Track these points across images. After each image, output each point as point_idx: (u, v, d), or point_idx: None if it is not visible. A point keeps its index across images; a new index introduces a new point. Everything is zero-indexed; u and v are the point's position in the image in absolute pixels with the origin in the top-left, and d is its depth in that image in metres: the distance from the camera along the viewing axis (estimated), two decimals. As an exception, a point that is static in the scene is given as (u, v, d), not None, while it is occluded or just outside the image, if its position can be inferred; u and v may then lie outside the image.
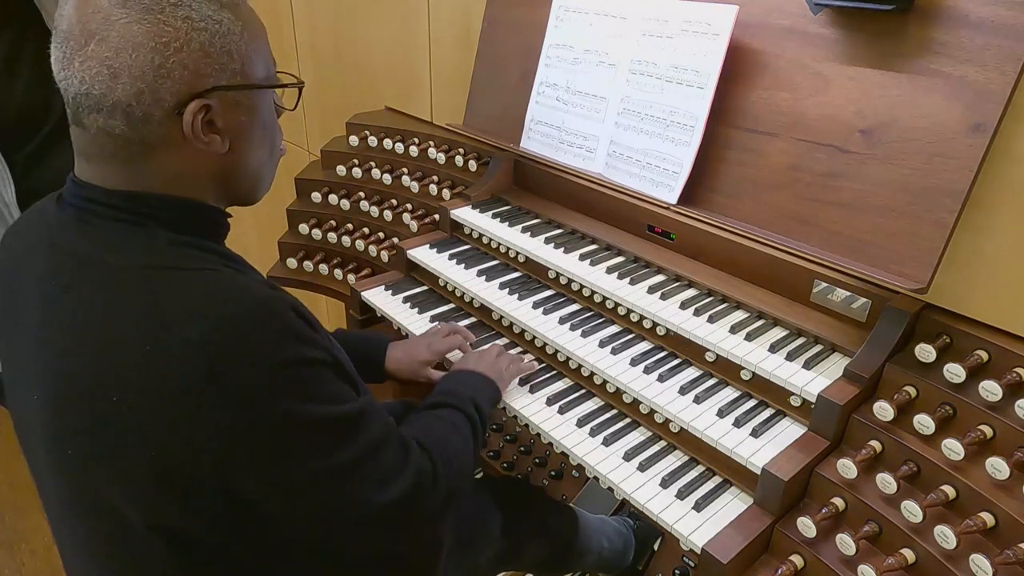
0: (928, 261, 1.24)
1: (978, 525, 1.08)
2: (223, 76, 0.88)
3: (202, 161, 0.91)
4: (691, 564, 1.56)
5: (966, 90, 1.21)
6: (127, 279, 0.85)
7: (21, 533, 2.61)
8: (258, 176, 1.00)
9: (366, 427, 0.94)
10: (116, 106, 0.83)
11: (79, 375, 0.85)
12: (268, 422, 0.83)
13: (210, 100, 0.87)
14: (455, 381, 1.34)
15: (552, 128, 1.87)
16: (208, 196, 0.95)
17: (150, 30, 0.82)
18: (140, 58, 0.82)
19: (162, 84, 0.83)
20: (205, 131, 0.88)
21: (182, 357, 0.79)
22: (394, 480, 0.96)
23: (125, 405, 0.82)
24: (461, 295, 1.80)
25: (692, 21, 1.56)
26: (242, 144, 0.94)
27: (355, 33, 2.51)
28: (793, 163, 1.45)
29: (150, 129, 0.85)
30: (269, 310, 0.84)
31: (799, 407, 1.33)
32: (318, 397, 0.87)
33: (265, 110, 0.96)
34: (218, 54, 0.87)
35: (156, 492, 0.85)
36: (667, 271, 1.63)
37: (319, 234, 2.27)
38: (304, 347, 0.86)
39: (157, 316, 0.81)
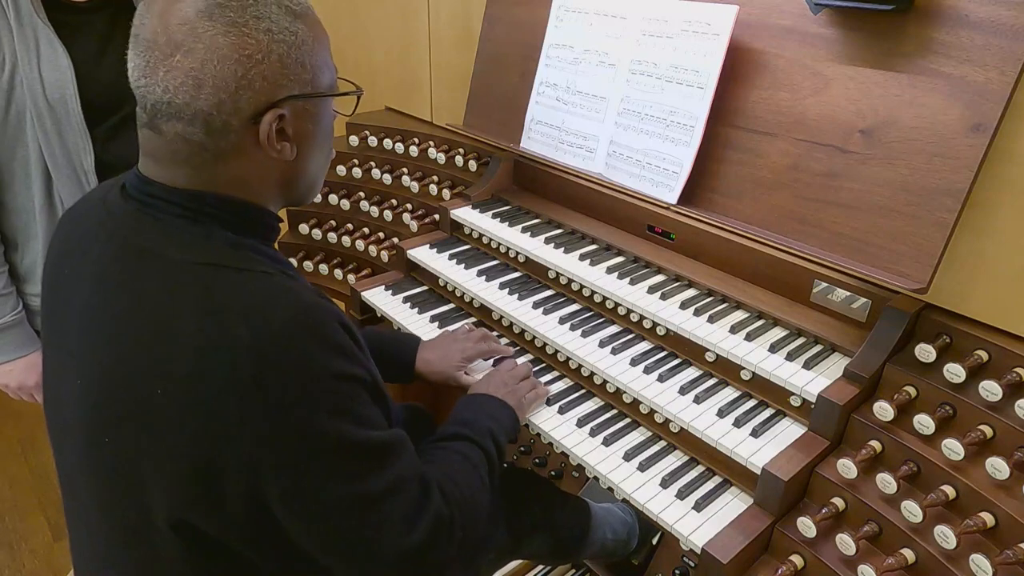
0: (928, 261, 1.24)
1: (978, 525, 1.08)
2: (296, 86, 0.90)
3: (270, 167, 0.93)
4: (691, 564, 1.56)
5: (966, 90, 1.21)
6: (185, 273, 0.86)
7: (21, 533, 2.61)
8: (316, 180, 1.02)
9: (396, 460, 0.93)
10: (197, 115, 0.85)
11: (128, 362, 0.86)
12: (300, 432, 0.83)
13: (284, 109, 0.89)
14: (475, 409, 1.29)
15: (552, 128, 1.87)
16: (267, 199, 0.97)
17: (235, 42, 0.84)
18: (225, 70, 0.84)
19: (243, 95, 0.85)
20: (277, 139, 0.90)
21: (232, 357, 0.80)
22: (415, 524, 0.94)
23: (169, 396, 0.83)
24: (461, 295, 1.80)
25: (692, 21, 1.56)
26: (307, 150, 0.96)
27: (355, 33, 2.51)
28: (793, 163, 1.45)
29: (227, 137, 0.88)
30: (318, 319, 0.86)
31: (799, 407, 1.33)
32: (353, 416, 0.88)
33: (328, 117, 0.99)
34: (293, 65, 0.89)
35: (185, 488, 0.85)
36: (667, 271, 1.63)
37: (319, 234, 2.27)
38: (347, 363, 0.87)
39: (211, 313, 0.82)
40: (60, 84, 1.59)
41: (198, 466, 0.84)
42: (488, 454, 1.18)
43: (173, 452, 0.84)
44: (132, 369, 0.85)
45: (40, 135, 1.60)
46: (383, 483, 0.91)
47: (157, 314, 0.85)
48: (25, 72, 1.56)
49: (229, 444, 0.82)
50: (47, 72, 1.58)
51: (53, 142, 1.61)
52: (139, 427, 0.86)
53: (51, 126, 1.61)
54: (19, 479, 2.83)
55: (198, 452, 0.83)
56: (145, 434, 0.86)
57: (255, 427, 0.81)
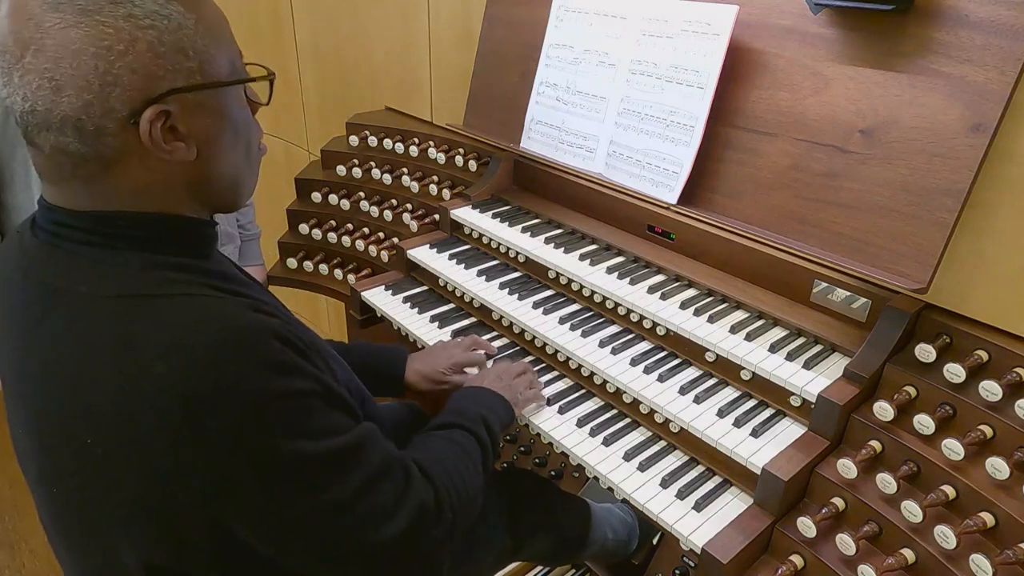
0: (928, 261, 1.24)
1: (978, 525, 1.08)
2: (179, 77, 0.79)
3: (169, 171, 0.83)
4: (691, 564, 1.56)
5: (966, 90, 1.21)
6: (97, 311, 0.79)
7: (21, 533, 2.61)
8: (235, 180, 0.91)
9: (364, 458, 0.89)
10: (65, 121, 0.76)
11: (54, 414, 0.81)
12: (252, 462, 0.78)
13: (168, 105, 0.79)
14: (468, 399, 1.27)
15: (552, 128, 1.87)
16: (184, 208, 0.87)
17: (89, 34, 0.74)
18: (82, 66, 0.74)
19: (111, 92, 0.76)
20: (167, 139, 0.80)
21: (155, 397, 0.74)
22: (394, 515, 0.90)
23: (100, 447, 0.77)
24: (461, 295, 1.80)
25: (692, 21, 1.56)
26: (212, 148, 0.85)
27: (355, 33, 2.51)
28: (793, 163, 1.45)
29: (105, 143, 0.78)
30: (247, 339, 0.78)
31: (799, 407, 1.33)
32: (306, 432, 0.81)
33: (234, 108, 0.87)
34: (170, 53, 0.78)
35: (144, 531, 0.81)
36: (667, 271, 1.63)
37: (319, 234, 2.27)
38: (287, 378, 0.80)
39: (128, 351, 0.76)
40: None
41: (150, 509, 0.79)
42: (480, 440, 1.15)
43: (120, 499, 0.80)
44: (60, 421, 0.80)
45: None
46: (353, 486, 0.86)
47: (75, 360, 0.78)
48: None
49: (175, 486, 0.77)
50: None
51: None
52: (80, 478, 0.81)
53: None
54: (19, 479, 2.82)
55: (146, 497, 0.78)
56: (88, 484, 0.81)
57: (198, 466, 0.76)
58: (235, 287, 0.89)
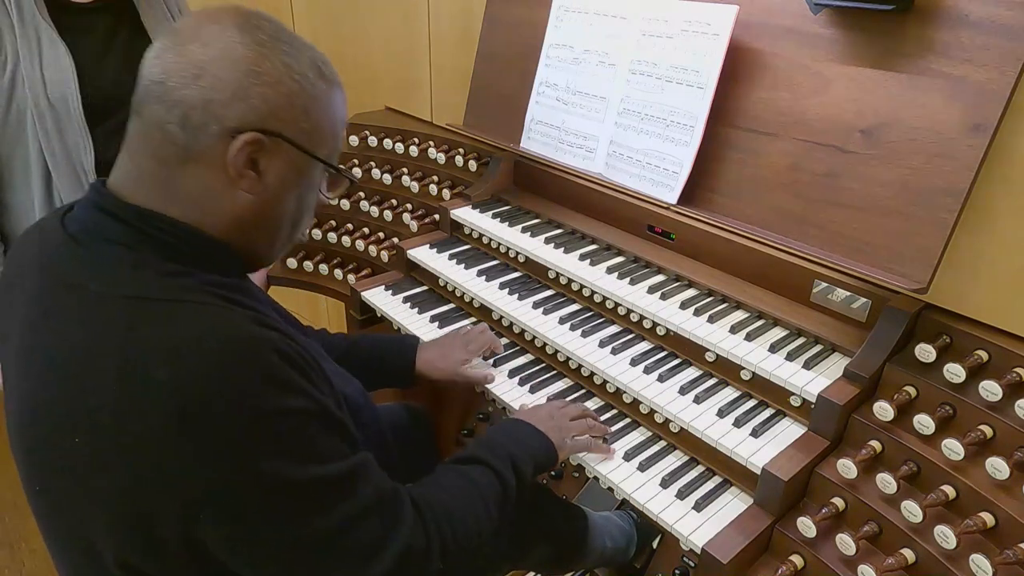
0: (928, 261, 1.24)
1: (978, 525, 1.08)
2: (291, 129, 0.88)
3: (228, 195, 0.88)
4: (691, 564, 1.55)
5: (966, 90, 1.21)
6: (107, 309, 0.81)
7: (21, 533, 2.61)
8: (273, 238, 0.96)
9: (352, 493, 0.86)
10: (179, 104, 0.83)
11: (52, 409, 0.82)
12: (238, 481, 0.77)
13: (265, 139, 0.86)
14: (505, 433, 1.21)
15: (552, 128, 1.87)
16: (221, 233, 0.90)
17: (253, 56, 0.85)
18: (230, 74, 0.83)
19: (235, 105, 0.84)
20: (246, 163, 0.86)
21: (152, 403, 0.75)
22: (376, 555, 0.87)
23: (92, 447, 0.78)
24: (461, 295, 1.80)
25: (692, 21, 1.56)
26: (273, 197, 0.91)
27: (355, 33, 2.51)
28: (793, 163, 1.45)
29: (199, 140, 0.84)
30: (249, 352, 0.79)
31: (799, 407, 1.33)
32: (300, 456, 0.80)
33: (308, 182, 0.94)
34: (298, 109, 0.88)
35: (124, 533, 0.81)
36: (667, 271, 1.63)
37: (319, 234, 2.27)
38: (285, 396, 0.80)
39: (132, 352, 0.77)
40: (62, 83, 1.59)
41: (131, 513, 0.80)
42: (504, 482, 1.09)
43: (104, 499, 0.80)
44: (57, 416, 0.81)
45: (40, 134, 1.61)
46: (338, 519, 0.84)
47: (79, 356, 0.80)
48: (27, 71, 1.57)
49: (159, 494, 0.77)
50: (49, 72, 1.58)
51: (53, 141, 1.62)
52: (69, 475, 0.82)
53: (52, 125, 1.61)
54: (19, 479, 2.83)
55: (129, 500, 0.79)
56: (75, 482, 0.81)
57: (184, 477, 0.76)
58: (243, 299, 0.89)
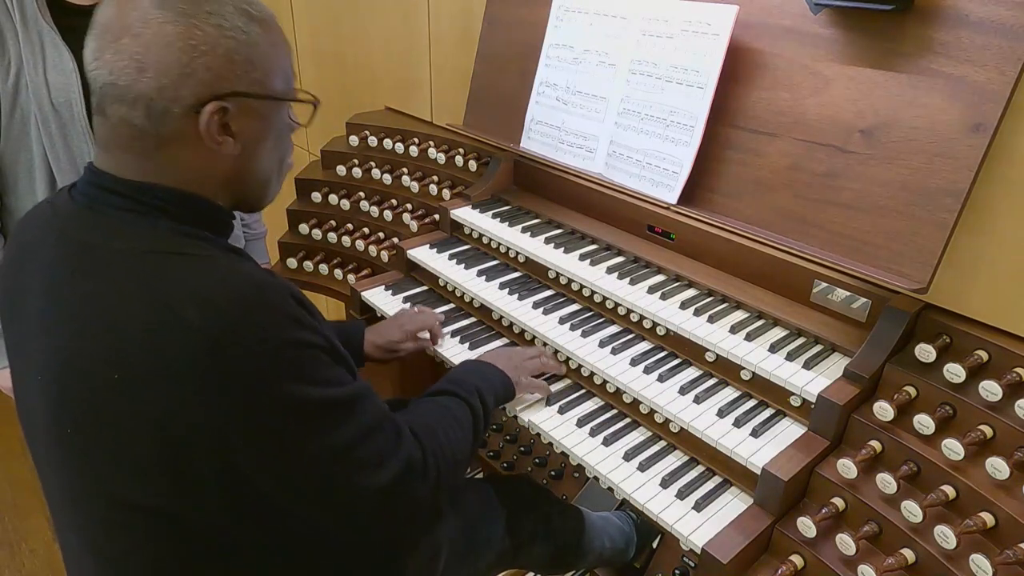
0: (928, 261, 1.24)
1: (978, 525, 1.08)
2: (243, 83, 0.92)
3: (214, 161, 0.95)
4: (691, 564, 1.56)
5: (966, 90, 1.21)
6: (130, 263, 0.88)
7: (21, 533, 2.61)
8: (266, 183, 1.04)
9: (360, 411, 0.97)
10: (139, 98, 0.88)
11: (83, 355, 0.87)
12: (266, 403, 0.86)
13: (228, 103, 0.91)
14: (468, 371, 1.37)
15: (552, 128, 1.87)
16: (216, 195, 0.98)
17: (182, 31, 0.87)
18: (168, 56, 0.87)
19: (185, 82, 0.88)
20: (219, 132, 0.92)
21: (184, 338, 0.82)
22: (384, 464, 0.99)
23: (127, 384, 0.84)
24: (461, 295, 1.80)
25: (692, 21, 1.56)
26: (253, 150, 0.98)
27: (355, 33, 2.51)
28: (793, 163, 1.45)
29: (167, 124, 0.89)
30: (268, 294, 0.88)
31: (799, 407, 1.33)
32: (315, 380, 0.90)
33: (279, 122, 1.00)
34: (242, 62, 0.92)
35: (156, 472, 0.87)
36: (667, 271, 1.63)
37: (319, 234, 2.27)
38: (302, 331, 0.89)
39: (159, 298, 0.84)
40: (65, 88, 1.59)
41: (164, 449, 0.86)
42: (473, 409, 1.23)
43: (136, 437, 0.86)
44: (88, 361, 0.87)
45: (44, 138, 1.61)
46: (352, 432, 0.94)
47: (106, 305, 0.86)
48: (30, 76, 1.57)
49: (194, 424, 0.84)
50: (52, 76, 1.58)
51: (57, 145, 1.62)
52: (100, 416, 0.88)
53: (56, 129, 1.61)
54: (19, 479, 2.83)
55: (162, 435, 0.85)
56: (107, 423, 0.87)
57: (218, 405, 0.83)
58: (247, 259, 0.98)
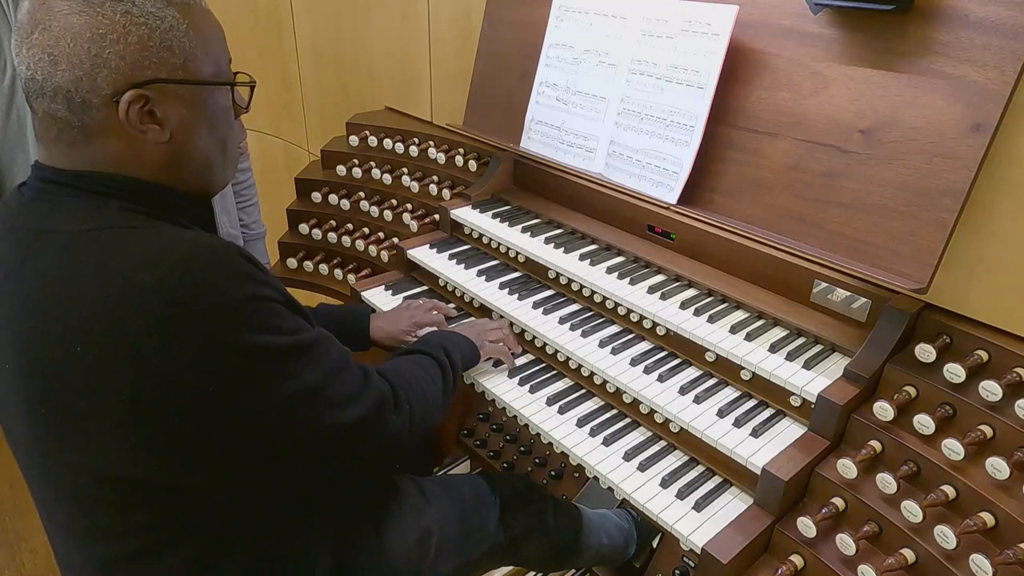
0: (928, 261, 1.24)
1: (978, 525, 1.08)
2: (163, 69, 0.92)
3: (144, 148, 0.95)
4: (691, 564, 1.55)
5: (966, 90, 1.21)
6: (80, 241, 0.89)
7: (21, 533, 2.61)
8: (206, 167, 1.03)
9: (324, 353, 1.00)
10: (57, 91, 0.89)
11: (43, 335, 0.88)
12: (230, 354, 0.87)
13: (148, 91, 0.91)
14: (431, 334, 1.47)
15: (552, 128, 1.87)
16: (160, 180, 0.98)
17: (88, 21, 0.87)
18: (78, 47, 0.87)
19: (99, 73, 0.88)
20: (144, 120, 0.92)
21: (141, 302, 0.83)
22: (356, 401, 1.03)
23: (91, 357, 0.85)
24: (461, 295, 1.80)
25: (692, 21, 1.56)
26: (186, 136, 0.97)
27: (355, 33, 2.51)
28: (793, 163, 1.45)
29: (89, 115, 0.90)
30: (217, 253, 0.89)
31: (799, 407, 1.33)
32: (276, 329, 0.92)
33: (213, 106, 1.00)
34: (157, 48, 0.91)
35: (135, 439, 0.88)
36: (667, 271, 1.63)
37: (319, 234, 2.27)
38: (256, 286, 0.91)
39: (112, 268, 0.85)
40: None
41: (139, 415, 0.86)
42: (439, 361, 1.30)
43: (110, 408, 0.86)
44: (49, 341, 0.87)
45: None
46: (318, 374, 0.97)
47: (62, 284, 0.87)
48: None
49: (163, 385, 0.85)
50: None
51: None
52: (70, 393, 0.88)
53: None
54: (19, 479, 2.81)
55: (135, 401, 0.85)
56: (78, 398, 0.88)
57: (182, 358, 0.84)
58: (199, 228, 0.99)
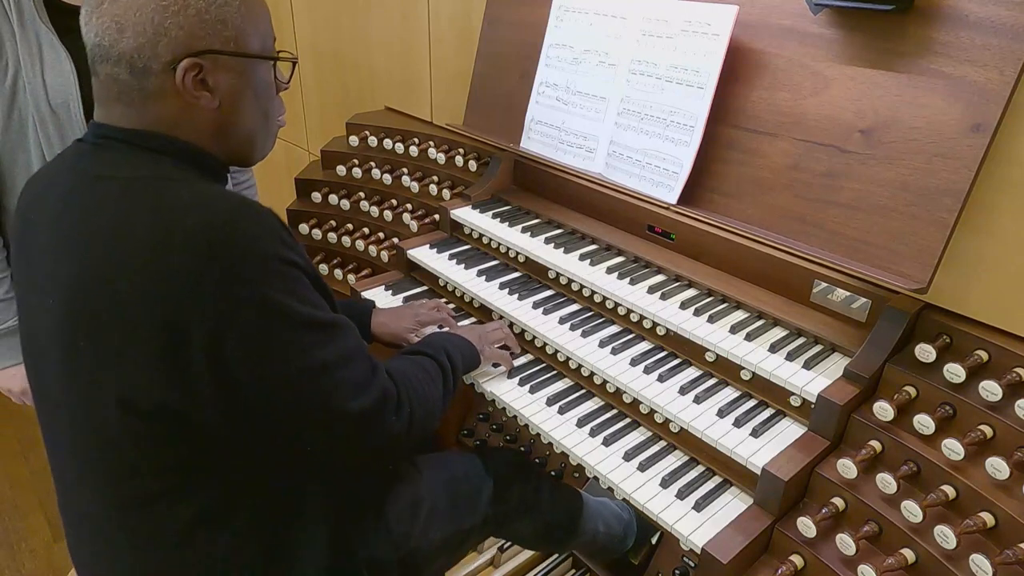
0: (928, 261, 1.24)
1: (978, 525, 1.08)
2: (216, 41, 1.00)
3: (196, 113, 1.02)
4: (691, 564, 1.55)
5: (966, 90, 1.21)
6: (135, 186, 0.97)
7: (21, 533, 2.61)
8: (251, 138, 1.11)
9: (342, 336, 1.04)
10: (121, 57, 0.97)
11: (93, 266, 0.95)
12: (256, 304, 0.92)
13: (202, 60, 0.99)
14: (434, 335, 1.47)
15: (552, 128, 1.87)
16: (208, 145, 1.05)
17: None
18: (143, 17, 0.95)
19: (160, 41, 0.96)
20: (197, 87, 1.00)
21: (184, 243, 0.90)
22: (364, 391, 1.05)
23: (132, 289, 0.91)
24: (461, 295, 1.80)
25: (692, 21, 1.56)
26: (233, 105, 1.05)
27: (355, 33, 2.51)
28: (793, 163, 1.45)
29: (149, 79, 0.98)
30: (261, 213, 0.96)
31: (799, 407, 1.33)
32: (300, 297, 0.97)
33: (258, 79, 1.07)
34: (213, 21, 0.99)
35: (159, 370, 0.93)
36: (667, 271, 1.63)
37: (319, 234, 2.27)
38: (289, 251, 0.97)
39: (161, 211, 0.93)
40: (63, 89, 1.59)
41: (168, 347, 0.92)
42: (440, 364, 1.31)
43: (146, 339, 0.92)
44: (98, 271, 0.94)
45: (42, 140, 1.60)
46: (332, 354, 1.01)
47: (114, 221, 0.94)
48: (28, 77, 1.56)
49: (192, 318, 0.90)
50: (50, 77, 1.57)
51: (55, 147, 1.61)
52: (110, 320, 0.94)
53: (54, 131, 1.61)
54: (19, 479, 2.83)
55: (167, 334, 0.91)
56: (117, 325, 0.93)
57: (214, 300, 0.90)
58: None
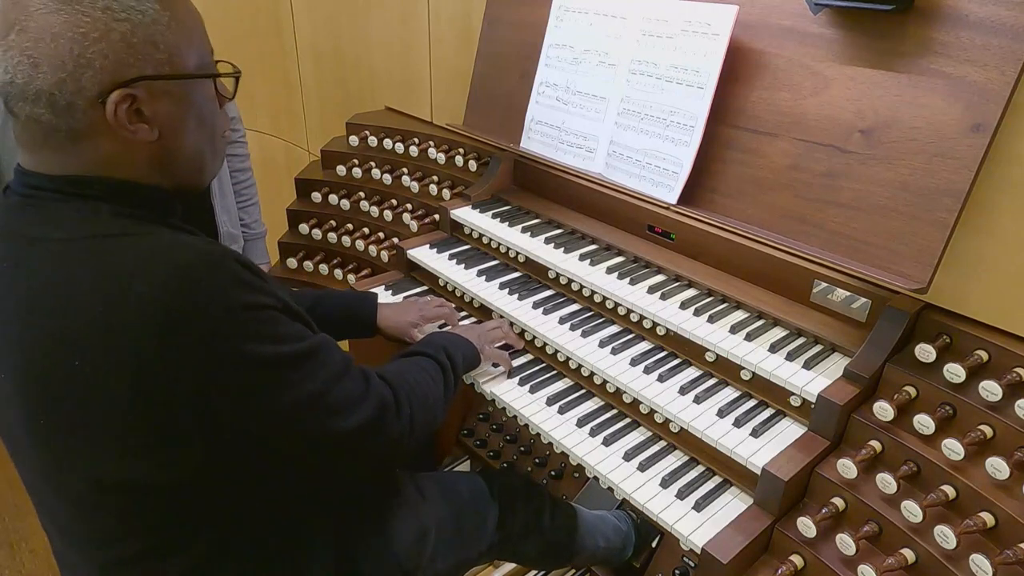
0: (928, 261, 1.24)
1: (978, 525, 1.08)
2: (148, 66, 0.88)
3: (134, 148, 0.91)
4: (691, 564, 1.55)
5: (966, 90, 1.21)
6: (73, 249, 0.87)
7: (21, 533, 2.61)
8: (198, 162, 1.00)
9: (325, 360, 0.99)
10: (39, 95, 0.84)
11: (39, 347, 0.87)
12: (229, 364, 0.86)
13: (135, 90, 0.87)
14: (433, 335, 1.44)
15: (552, 128, 1.87)
16: (150, 179, 0.95)
17: (68, 20, 0.83)
18: (59, 48, 0.83)
19: (83, 73, 0.84)
20: (132, 120, 0.89)
21: (137, 312, 0.82)
22: (359, 404, 1.02)
23: (88, 366, 0.84)
24: (461, 295, 1.80)
25: (692, 21, 1.56)
26: (175, 132, 0.94)
27: (355, 33, 2.51)
28: (793, 163, 1.45)
29: (75, 117, 0.86)
30: (213, 261, 0.86)
31: (799, 407, 1.33)
32: (274, 337, 0.91)
33: (200, 98, 0.96)
34: (142, 44, 0.87)
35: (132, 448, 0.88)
36: (667, 271, 1.63)
37: (319, 234, 2.27)
38: (252, 294, 0.89)
39: (107, 279, 0.84)
40: None
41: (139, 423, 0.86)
42: (440, 363, 1.29)
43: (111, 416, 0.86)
44: (45, 352, 0.86)
45: None
46: (319, 382, 0.97)
47: (55, 293, 0.85)
48: None
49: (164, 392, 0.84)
50: None
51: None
52: (69, 404, 0.87)
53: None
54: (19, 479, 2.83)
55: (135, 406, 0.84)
56: (78, 408, 0.87)
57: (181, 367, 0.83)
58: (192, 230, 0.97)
